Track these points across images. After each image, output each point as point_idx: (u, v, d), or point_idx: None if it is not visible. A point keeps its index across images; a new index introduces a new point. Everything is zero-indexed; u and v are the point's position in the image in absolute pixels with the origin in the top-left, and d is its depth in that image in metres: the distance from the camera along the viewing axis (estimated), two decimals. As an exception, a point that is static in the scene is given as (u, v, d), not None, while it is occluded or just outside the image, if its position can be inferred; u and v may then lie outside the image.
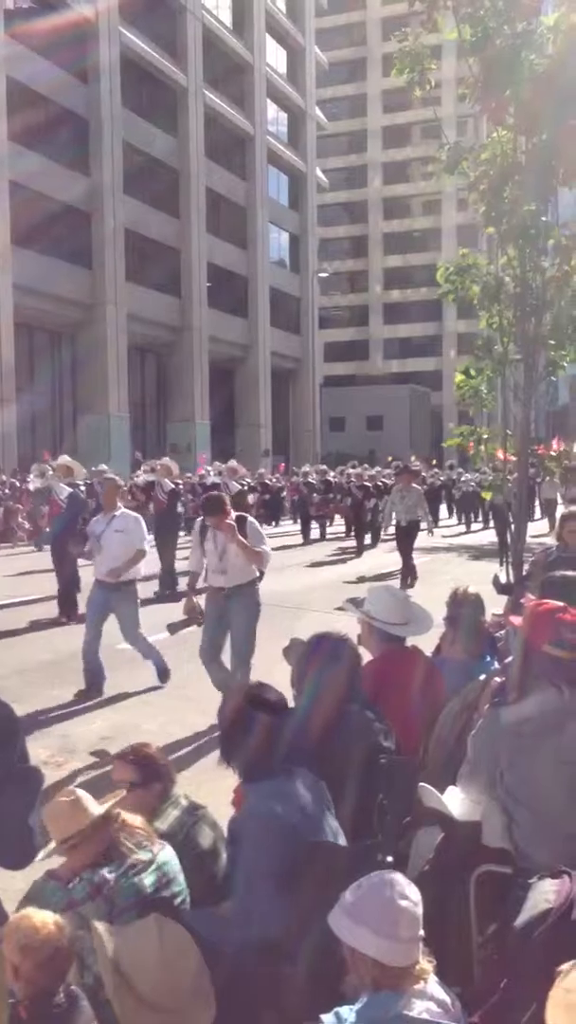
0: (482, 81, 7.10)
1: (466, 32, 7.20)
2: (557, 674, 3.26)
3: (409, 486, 16.21)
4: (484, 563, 17.34)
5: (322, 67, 58.57)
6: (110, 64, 34.83)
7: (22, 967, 2.37)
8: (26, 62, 31.49)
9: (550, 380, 8.52)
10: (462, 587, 5.30)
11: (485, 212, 7.55)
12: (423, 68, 7.59)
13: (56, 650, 10.18)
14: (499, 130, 7.36)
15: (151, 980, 2.49)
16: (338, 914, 2.37)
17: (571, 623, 3.33)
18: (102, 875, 3.00)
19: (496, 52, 6.91)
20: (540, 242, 7.57)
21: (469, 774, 3.40)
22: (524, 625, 3.44)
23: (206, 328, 42.20)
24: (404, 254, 76.33)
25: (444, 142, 7.86)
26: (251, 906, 3.05)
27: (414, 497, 15.90)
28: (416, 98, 8.18)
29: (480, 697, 3.90)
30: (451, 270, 7.97)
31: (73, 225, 34.00)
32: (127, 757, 3.58)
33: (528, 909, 2.61)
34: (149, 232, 39.13)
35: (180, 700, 8.23)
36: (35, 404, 33.20)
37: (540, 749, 3.19)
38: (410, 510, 15.68)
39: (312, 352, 53.20)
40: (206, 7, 42.75)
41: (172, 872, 3.16)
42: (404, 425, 64.35)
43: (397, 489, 16.47)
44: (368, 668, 4.26)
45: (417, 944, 2.32)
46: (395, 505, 16.10)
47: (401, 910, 2.31)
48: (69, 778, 5.80)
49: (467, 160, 7.67)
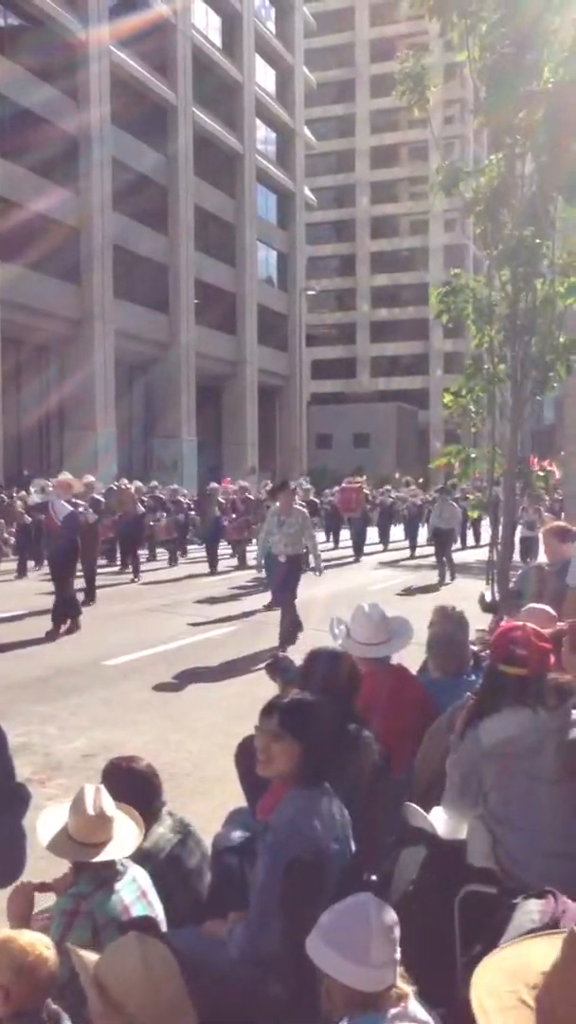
0: (487, 103, 7.21)
1: (476, 52, 7.32)
2: (514, 692, 3.30)
3: (291, 508, 11.76)
4: (470, 580, 17.37)
5: (311, 87, 58.95)
6: (100, 82, 34.97)
7: (13, 989, 2.36)
8: (16, 80, 31.57)
9: (536, 400, 8.59)
10: (444, 605, 5.32)
11: (481, 234, 7.65)
12: (423, 89, 7.71)
13: (43, 666, 10.13)
14: (497, 153, 7.47)
15: (135, 999, 2.47)
16: (313, 937, 2.32)
17: (523, 639, 3.37)
18: (77, 892, 3.00)
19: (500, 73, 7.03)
20: (535, 263, 7.65)
21: (453, 799, 3.41)
22: (492, 646, 3.55)
23: (193, 344, 42.24)
24: (391, 273, 76.72)
25: (443, 163, 7.97)
26: (261, 924, 3.01)
27: (297, 523, 11.59)
28: (415, 118, 8.30)
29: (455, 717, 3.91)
30: (446, 290, 8.06)
31: (62, 240, 34.01)
32: (112, 771, 3.57)
33: (513, 929, 2.60)
34: (138, 248, 39.20)
35: (164, 719, 8.20)
36: (21, 419, 33.12)
37: (522, 769, 3.21)
38: (292, 541, 11.57)
39: (300, 369, 53.29)
40: (196, 27, 43.02)
41: (147, 886, 3.15)
42: (391, 443, 64.51)
43: (272, 512, 11.98)
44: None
45: (392, 968, 2.26)
46: (271, 535, 11.73)
47: (373, 935, 2.25)
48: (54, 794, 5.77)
49: (463, 181, 7.77)
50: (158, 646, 11.31)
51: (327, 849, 3.04)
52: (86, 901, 2.96)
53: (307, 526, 11.83)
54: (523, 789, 3.20)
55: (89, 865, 3.06)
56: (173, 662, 10.44)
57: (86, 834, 3.07)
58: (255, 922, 3.03)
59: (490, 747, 3.27)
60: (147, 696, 8.97)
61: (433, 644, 4.98)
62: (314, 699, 3.31)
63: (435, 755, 3.93)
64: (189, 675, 9.71)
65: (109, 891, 3.00)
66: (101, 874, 3.04)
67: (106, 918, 2.93)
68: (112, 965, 2.52)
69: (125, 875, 3.08)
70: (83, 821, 3.08)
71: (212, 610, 14.02)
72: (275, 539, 11.72)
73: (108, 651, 10.98)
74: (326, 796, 3.17)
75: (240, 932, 3.07)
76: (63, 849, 3.10)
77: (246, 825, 3.83)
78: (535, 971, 1.62)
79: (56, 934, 2.89)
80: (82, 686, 9.25)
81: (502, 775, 3.25)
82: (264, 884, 3.02)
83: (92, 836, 3.07)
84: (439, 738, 4.00)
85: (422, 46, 7.85)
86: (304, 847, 3.00)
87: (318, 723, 3.20)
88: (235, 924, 3.12)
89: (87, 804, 3.09)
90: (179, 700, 8.92)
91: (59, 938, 2.85)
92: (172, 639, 11.82)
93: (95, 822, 3.07)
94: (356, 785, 3.57)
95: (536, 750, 3.21)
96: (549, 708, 3.27)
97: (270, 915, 2.99)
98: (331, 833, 3.09)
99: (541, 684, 3.34)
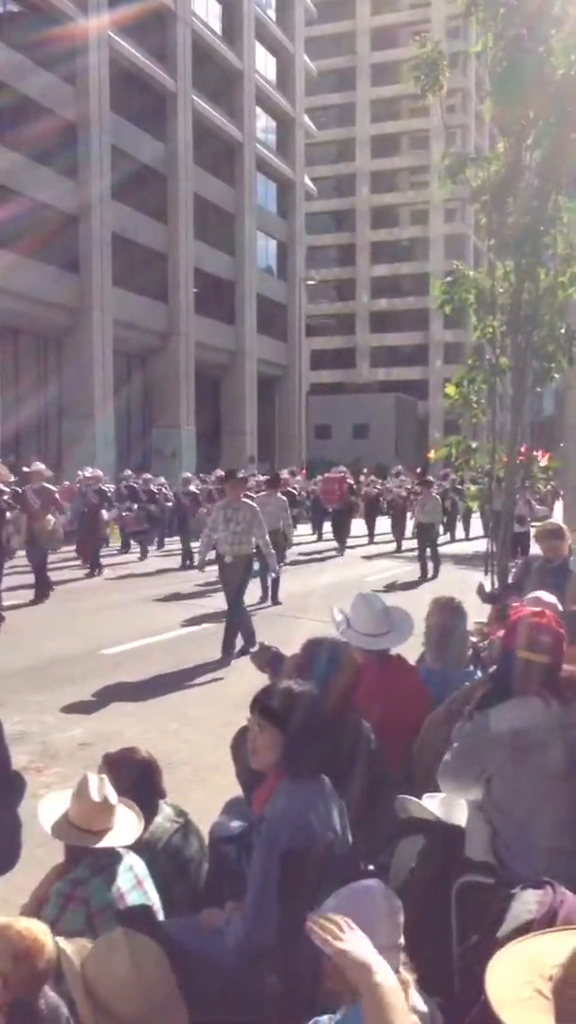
0: (497, 89, 7.20)
1: (489, 41, 7.30)
2: (531, 679, 3.26)
3: (239, 502, 10.40)
4: (469, 571, 17.37)
5: (311, 76, 58.69)
6: (99, 70, 34.81)
7: (11, 976, 2.35)
8: (16, 67, 31.43)
9: (536, 391, 8.57)
10: (442, 596, 5.31)
11: (486, 223, 7.63)
12: (438, 74, 7.69)
13: (39, 656, 10.13)
14: (504, 142, 7.45)
15: (123, 997, 2.46)
16: None
17: (546, 627, 3.34)
18: (74, 878, 2.99)
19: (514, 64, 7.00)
20: (539, 252, 7.63)
21: (452, 771, 3.36)
22: (505, 631, 3.47)
23: (193, 334, 42.14)
24: (391, 263, 76.57)
25: (446, 150, 7.95)
26: (257, 914, 3.01)
27: (245, 519, 10.21)
28: (422, 105, 8.32)
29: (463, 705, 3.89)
30: (448, 280, 8.05)
31: (61, 229, 33.90)
32: (106, 761, 3.56)
33: (510, 920, 2.60)
34: (137, 238, 39.06)
35: (161, 708, 8.20)
36: (20, 408, 33.06)
37: (528, 762, 3.18)
38: (239, 539, 10.20)
39: (299, 360, 53.19)
40: (196, 14, 42.80)
41: (143, 875, 3.14)
42: (390, 434, 64.46)
43: (220, 506, 10.68)
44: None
45: (397, 953, 2.28)
46: (215, 532, 10.37)
47: (380, 918, 2.27)
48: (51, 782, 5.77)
49: (469, 169, 7.75)
50: (155, 636, 11.31)
51: (322, 839, 3.03)
52: (82, 887, 2.96)
53: (256, 522, 10.28)
54: (528, 782, 3.17)
55: (87, 852, 3.06)
56: (169, 652, 10.44)
57: (88, 821, 3.06)
58: (251, 912, 3.03)
59: (498, 734, 3.24)
60: (144, 685, 8.97)
61: (431, 635, 4.97)
62: (297, 688, 3.29)
63: (434, 745, 3.92)
64: (185, 665, 9.70)
65: (105, 878, 3.00)
66: (99, 861, 3.04)
67: (101, 905, 2.93)
68: (101, 967, 2.50)
69: (122, 863, 3.08)
70: (86, 807, 3.07)
71: (208, 601, 14.00)
72: (220, 536, 10.28)
73: (104, 640, 10.97)
74: (320, 787, 3.16)
75: (236, 922, 3.06)
76: (64, 833, 3.09)
77: (243, 815, 3.82)
78: (550, 963, 1.61)
79: (50, 916, 2.89)
80: (78, 675, 9.24)
81: (506, 764, 3.22)
82: (259, 875, 3.01)
83: (94, 823, 3.06)
84: (437, 728, 3.99)
85: (423, 34, 7.78)
86: (298, 838, 2.99)
87: (300, 712, 3.18)
88: (231, 914, 3.11)
89: (91, 790, 3.09)
90: (176, 690, 8.92)
91: (52, 920, 2.85)
92: (168, 629, 11.82)
93: (98, 809, 3.07)
94: (353, 776, 3.56)
95: (545, 744, 3.18)
96: (564, 702, 3.23)
97: (266, 906, 2.98)
98: (326, 824, 3.08)
99: (558, 675, 3.31)
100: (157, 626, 11.91)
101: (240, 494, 10.59)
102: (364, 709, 4.02)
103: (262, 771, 3.27)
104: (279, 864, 2.96)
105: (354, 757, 3.68)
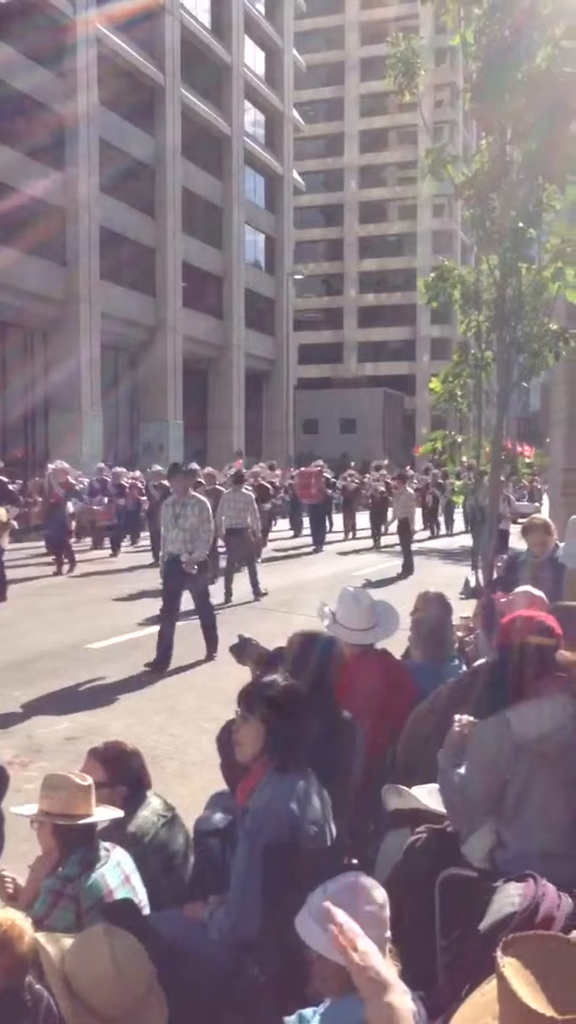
0: (477, 86, 7.17)
1: (468, 35, 7.28)
2: (546, 664, 3.19)
3: (186, 497, 9.81)
4: (453, 566, 17.40)
5: (300, 70, 58.57)
6: (89, 64, 34.65)
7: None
8: (5, 61, 31.25)
9: (522, 386, 8.58)
10: (428, 591, 5.32)
11: (470, 217, 7.63)
12: (413, 73, 7.66)
13: (25, 650, 10.10)
14: (488, 138, 7.43)
15: (102, 991, 2.46)
16: (304, 917, 2.33)
17: (545, 616, 3.39)
18: (64, 875, 2.99)
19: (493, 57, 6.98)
20: (521, 248, 7.63)
21: (471, 799, 3.20)
22: (505, 628, 3.37)
23: (181, 328, 42.05)
24: (379, 258, 76.52)
25: (431, 147, 7.92)
26: (241, 907, 3.02)
27: (194, 515, 9.62)
28: (405, 102, 8.25)
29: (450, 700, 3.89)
30: (432, 276, 8.06)
31: (48, 222, 33.75)
32: (98, 755, 3.56)
33: (492, 912, 2.61)
34: (125, 231, 38.91)
35: (146, 702, 8.20)
36: (6, 401, 32.93)
37: (546, 767, 3.09)
38: (191, 537, 9.58)
39: (286, 354, 53.14)
40: (185, 7, 42.63)
41: (131, 870, 3.15)
42: (377, 428, 64.50)
43: (167, 503, 10.08)
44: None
45: (384, 947, 2.27)
46: (168, 531, 9.76)
47: (366, 913, 2.26)
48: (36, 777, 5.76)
49: (451, 166, 7.73)
50: (141, 630, 11.28)
51: (305, 832, 3.04)
52: (72, 884, 2.95)
53: (205, 517, 9.69)
54: (539, 787, 3.08)
55: (75, 847, 3.04)
56: (155, 647, 10.42)
57: (71, 806, 3.06)
58: (234, 905, 3.04)
59: (522, 740, 3.08)
60: (129, 680, 8.96)
61: (417, 629, 4.98)
62: (278, 680, 3.31)
63: (418, 738, 3.94)
64: (172, 659, 9.68)
65: (95, 875, 3.00)
66: (88, 857, 3.03)
67: (90, 902, 2.93)
68: (80, 962, 2.50)
69: (109, 859, 3.08)
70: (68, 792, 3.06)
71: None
72: (171, 535, 9.68)
73: (90, 635, 10.96)
74: (304, 779, 3.17)
75: (220, 915, 3.07)
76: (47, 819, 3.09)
77: (228, 809, 3.82)
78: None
79: (39, 911, 2.89)
80: (64, 669, 9.23)
81: (526, 769, 3.09)
82: (243, 867, 3.02)
83: (78, 808, 3.06)
84: (423, 721, 4.00)
85: (412, 29, 7.76)
86: (281, 830, 3.00)
87: (280, 703, 3.19)
88: (215, 907, 3.12)
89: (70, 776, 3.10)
90: (162, 684, 8.92)
91: (42, 917, 2.85)
92: (154, 623, 11.78)
93: (77, 793, 3.06)
94: (338, 769, 3.56)
95: (569, 748, 3.07)
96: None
97: (249, 898, 2.99)
98: (309, 816, 3.09)
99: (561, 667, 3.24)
100: (141, 621, 11.89)
101: (186, 488, 9.94)
102: (350, 703, 4.03)
103: (247, 763, 3.28)
104: (262, 856, 2.97)
105: (339, 750, 3.69)
